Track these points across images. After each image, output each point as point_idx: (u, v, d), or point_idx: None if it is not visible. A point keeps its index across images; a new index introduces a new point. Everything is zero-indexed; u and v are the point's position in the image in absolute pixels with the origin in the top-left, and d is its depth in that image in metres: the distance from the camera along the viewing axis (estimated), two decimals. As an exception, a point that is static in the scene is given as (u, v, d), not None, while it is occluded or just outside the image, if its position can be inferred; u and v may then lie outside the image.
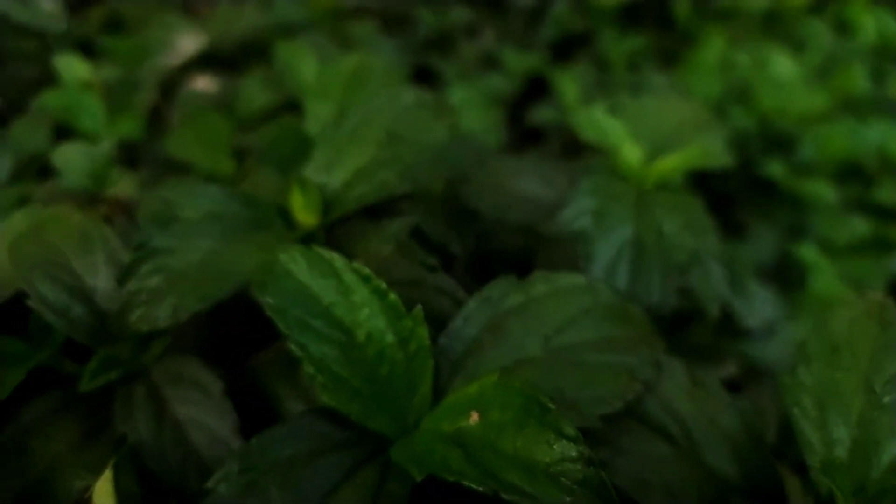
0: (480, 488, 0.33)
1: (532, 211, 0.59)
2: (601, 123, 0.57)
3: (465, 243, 0.56)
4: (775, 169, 1.10)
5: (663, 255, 0.51)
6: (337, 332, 0.40)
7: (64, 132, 0.72)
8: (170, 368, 0.46)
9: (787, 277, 1.00)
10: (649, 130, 0.60)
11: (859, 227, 1.04)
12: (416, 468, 0.35)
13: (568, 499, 0.33)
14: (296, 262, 0.40)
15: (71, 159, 0.63)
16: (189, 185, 0.51)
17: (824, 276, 0.97)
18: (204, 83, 0.83)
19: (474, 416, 0.37)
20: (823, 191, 1.06)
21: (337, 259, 0.40)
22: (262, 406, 0.48)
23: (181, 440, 0.43)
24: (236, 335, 0.51)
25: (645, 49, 1.46)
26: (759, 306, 0.64)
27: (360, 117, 0.54)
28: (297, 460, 0.38)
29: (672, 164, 0.56)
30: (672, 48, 1.46)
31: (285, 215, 0.51)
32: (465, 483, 0.33)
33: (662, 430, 0.44)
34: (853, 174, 1.15)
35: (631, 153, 0.57)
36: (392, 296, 0.40)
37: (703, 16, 1.46)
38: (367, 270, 0.40)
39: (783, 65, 1.39)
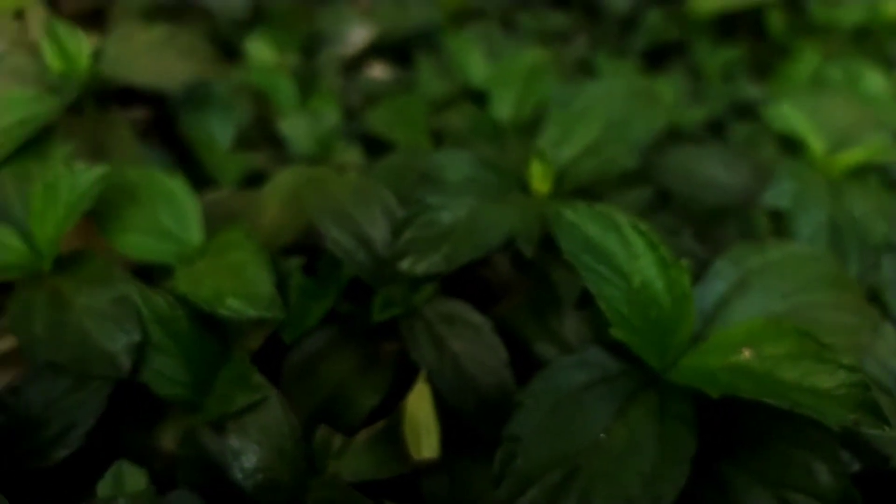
0: (777, 404, 0.39)
1: (721, 194, 0.65)
2: (789, 117, 0.64)
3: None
4: None
5: (858, 236, 0.57)
6: (618, 277, 0.46)
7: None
8: (440, 309, 0.53)
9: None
10: (827, 126, 0.66)
11: None
12: (712, 390, 0.41)
13: (851, 416, 0.39)
14: (581, 218, 0.47)
15: (298, 129, 0.70)
16: (449, 151, 0.57)
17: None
18: (379, 71, 0.90)
19: (746, 353, 0.44)
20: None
21: (618, 215, 0.47)
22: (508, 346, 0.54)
23: (459, 370, 0.50)
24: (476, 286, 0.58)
25: (739, 60, 1.51)
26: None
27: (585, 100, 0.60)
28: (588, 384, 0.45)
29: (857, 156, 0.62)
30: (765, 60, 1.51)
31: (522, 184, 0.58)
32: (764, 400, 0.40)
33: (880, 384, 0.50)
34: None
35: (816, 144, 0.63)
36: (663, 248, 0.47)
37: (796, 30, 1.52)
38: (643, 226, 0.47)
39: (875, 81, 1.44)
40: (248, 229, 0.50)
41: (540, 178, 0.57)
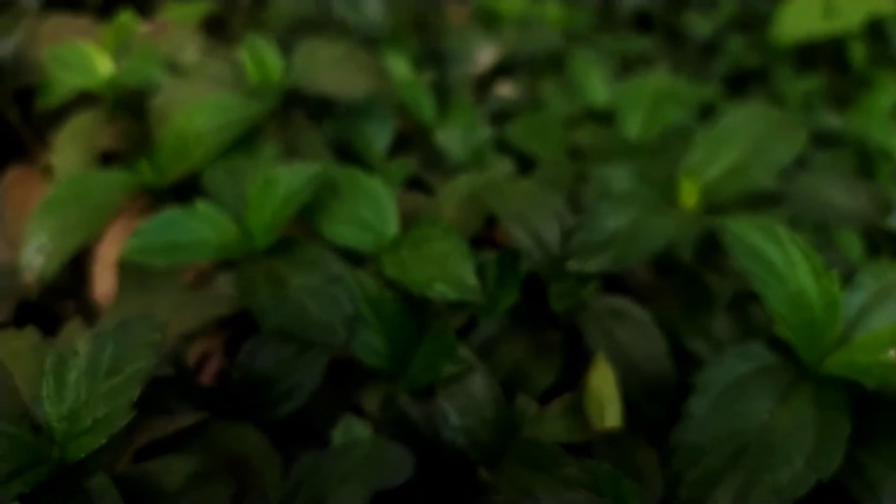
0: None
1: (840, 216, 0.71)
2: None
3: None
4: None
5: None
6: (778, 282, 0.53)
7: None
8: (606, 304, 0.60)
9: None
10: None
11: None
12: (868, 381, 0.48)
13: None
14: (744, 229, 0.54)
15: (453, 139, 0.78)
16: (614, 165, 0.65)
17: None
18: (506, 89, 0.98)
19: (892, 352, 0.50)
20: None
21: (780, 229, 0.54)
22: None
23: (626, 357, 0.57)
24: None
25: (819, 89, 1.57)
26: None
27: (726, 124, 0.67)
28: (750, 374, 0.52)
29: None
30: (845, 91, 1.57)
31: (670, 198, 0.65)
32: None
33: None
34: None
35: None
36: (816, 259, 0.54)
37: (877, 62, 1.57)
38: (799, 238, 0.54)
39: (954, 114, 1.48)
40: (447, 225, 0.58)
41: (688, 194, 0.64)
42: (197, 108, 0.68)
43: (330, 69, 0.74)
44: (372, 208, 0.62)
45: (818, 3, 1.63)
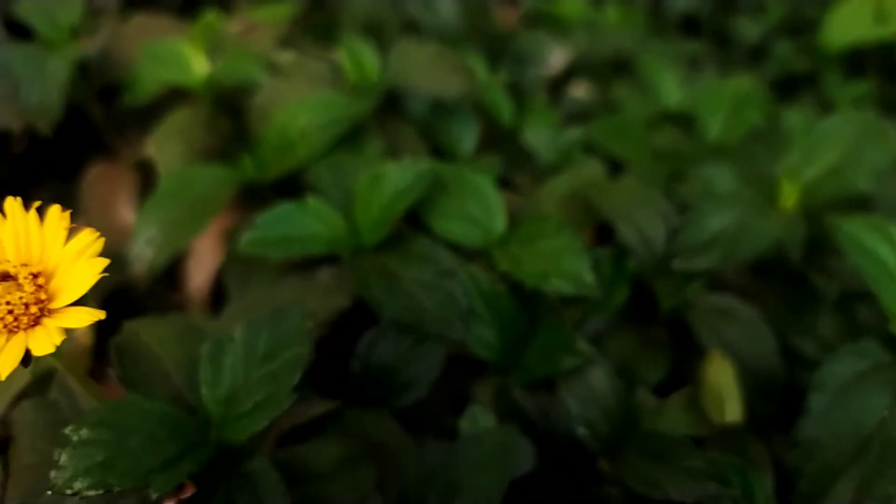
0: None
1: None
2: None
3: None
4: None
5: None
6: (892, 281, 0.54)
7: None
8: (712, 302, 0.61)
9: None
10: None
11: None
12: None
13: None
14: (857, 229, 0.55)
15: (542, 139, 0.80)
16: (716, 165, 0.66)
17: None
18: (580, 90, 0.99)
19: None
20: None
21: (893, 229, 0.55)
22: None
23: (735, 354, 0.58)
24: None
25: (868, 95, 1.57)
26: None
27: (822, 128, 0.68)
28: (866, 371, 0.53)
29: None
30: (894, 97, 1.57)
31: (770, 199, 0.66)
32: None
33: None
34: None
35: None
36: (928, 260, 0.55)
37: (928, 70, 1.57)
38: (912, 240, 0.55)
39: None
40: (558, 222, 0.59)
41: (788, 195, 0.65)
42: (301, 107, 0.70)
43: (425, 69, 0.75)
44: (479, 205, 0.64)
45: (869, 8, 1.63)
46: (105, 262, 0.34)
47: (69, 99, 0.86)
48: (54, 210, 0.36)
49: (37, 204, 0.37)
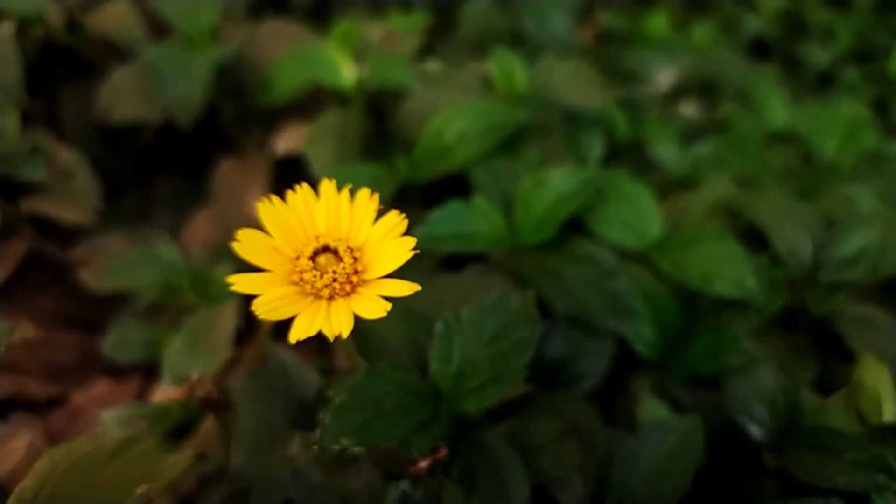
0: None
1: None
2: None
3: None
4: None
5: None
6: None
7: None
8: (855, 311, 0.65)
9: None
10: None
11: None
12: None
13: None
14: None
15: (670, 153, 0.85)
16: (857, 185, 0.71)
17: None
18: (690, 109, 1.04)
19: None
20: None
21: None
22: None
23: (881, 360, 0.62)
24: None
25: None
26: None
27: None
28: None
29: None
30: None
31: None
32: None
33: None
34: None
35: None
36: None
37: None
38: None
39: None
40: (718, 229, 0.64)
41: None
42: (458, 113, 0.74)
43: (569, 82, 0.80)
44: (634, 210, 0.68)
45: (940, 37, 1.66)
46: (413, 240, 0.39)
47: (209, 96, 0.92)
48: (363, 193, 0.41)
49: (348, 186, 0.41)
